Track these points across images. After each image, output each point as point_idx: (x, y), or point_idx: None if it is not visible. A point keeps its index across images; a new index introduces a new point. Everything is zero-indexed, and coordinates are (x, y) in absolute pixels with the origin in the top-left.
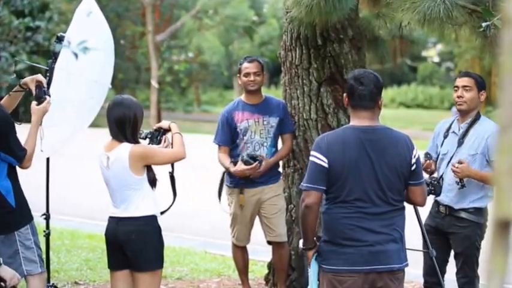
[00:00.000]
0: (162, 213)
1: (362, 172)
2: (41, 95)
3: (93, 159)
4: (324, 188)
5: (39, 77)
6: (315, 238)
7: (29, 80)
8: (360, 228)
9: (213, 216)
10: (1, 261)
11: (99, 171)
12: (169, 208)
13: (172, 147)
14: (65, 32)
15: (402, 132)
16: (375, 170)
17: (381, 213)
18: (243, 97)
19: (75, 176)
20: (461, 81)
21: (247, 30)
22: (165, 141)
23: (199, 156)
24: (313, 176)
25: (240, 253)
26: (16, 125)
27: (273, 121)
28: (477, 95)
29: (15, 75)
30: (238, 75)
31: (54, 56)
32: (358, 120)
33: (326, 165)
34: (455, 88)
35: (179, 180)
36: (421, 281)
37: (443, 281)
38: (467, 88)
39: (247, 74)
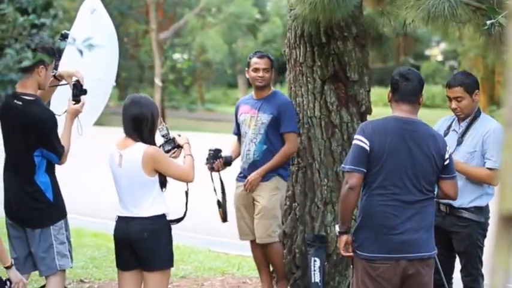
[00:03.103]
0: (172, 222)
1: (400, 159)
2: (78, 94)
3: (97, 158)
4: (365, 170)
5: (78, 74)
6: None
7: (65, 74)
8: (394, 216)
9: (215, 215)
10: (12, 263)
11: (104, 168)
12: (179, 220)
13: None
14: (69, 30)
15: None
16: (413, 159)
17: (414, 202)
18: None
19: (79, 174)
20: (451, 93)
21: (250, 28)
22: (173, 153)
23: (203, 155)
24: (356, 158)
25: (254, 248)
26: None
27: (265, 118)
28: (471, 100)
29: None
30: (246, 69)
31: (58, 53)
32: (399, 112)
33: (368, 148)
34: (448, 98)
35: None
36: None
37: (452, 278)
38: (459, 99)
39: (256, 70)
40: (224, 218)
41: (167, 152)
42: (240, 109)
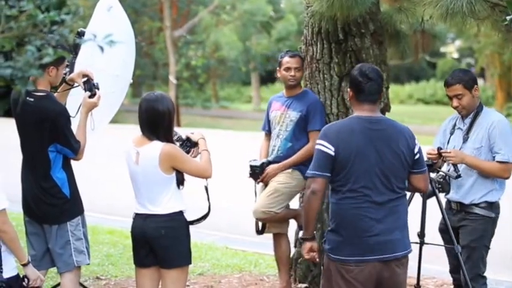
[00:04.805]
0: (193, 222)
1: (368, 160)
2: (92, 88)
3: (112, 155)
4: (329, 174)
5: (86, 71)
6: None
7: (76, 76)
8: (367, 218)
9: (231, 212)
10: (29, 260)
11: (119, 165)
12: (203, 218)
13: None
14: (84, 27)
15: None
16: (381, 158)
17: (386, 202)
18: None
19: (93, 171)
20: (451, 91)
21: (264, 26)
22: (192, 153)
23: (219, 152)
24: (319, 163)
25: (275, 241)
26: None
27: (294, 116)
28: (471, 96)
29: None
30: (278, 68)
31: (75, 51)
32: (362, 112)
33: (332, 153)
34: (449, 97)
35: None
36: (443, 277)
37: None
38: (459, 96)
39: (287, 69)
40: (258, 231)
41: (187, 153)
42: (272, 106)
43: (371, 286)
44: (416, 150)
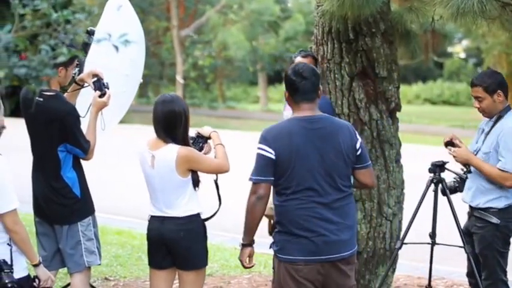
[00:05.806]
0: (206, 219)
1: (310, 161)
2: (102, 87)
3: (119, 155)
4: (273, 178)
5: (95, 70)
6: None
7: (85, 76)
8: (314, 218)
9: (239, 212)
10: (40, 260)
11: (126, 165)
12: (214, 215)
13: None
14: (92, 27)
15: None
16: (323, 157)
17: (333, 201)
18: None
19: (99, 172)
20: (472, 92)
21: (272, 25)
22: (205, 149)
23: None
24: (261, 168)
25: None
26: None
27: None
28: (491, 100)
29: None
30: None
31: (84, 50)
32: (301, 112)
33: (273, 156)
34: (472, 96)
35: (207, 176)
36: (453, 277)
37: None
38: (479, 99)
39: None
40: (271, 231)
41: (200, 150)
42: (287, 105)
43: (319, 285)
44: (358, 145)
